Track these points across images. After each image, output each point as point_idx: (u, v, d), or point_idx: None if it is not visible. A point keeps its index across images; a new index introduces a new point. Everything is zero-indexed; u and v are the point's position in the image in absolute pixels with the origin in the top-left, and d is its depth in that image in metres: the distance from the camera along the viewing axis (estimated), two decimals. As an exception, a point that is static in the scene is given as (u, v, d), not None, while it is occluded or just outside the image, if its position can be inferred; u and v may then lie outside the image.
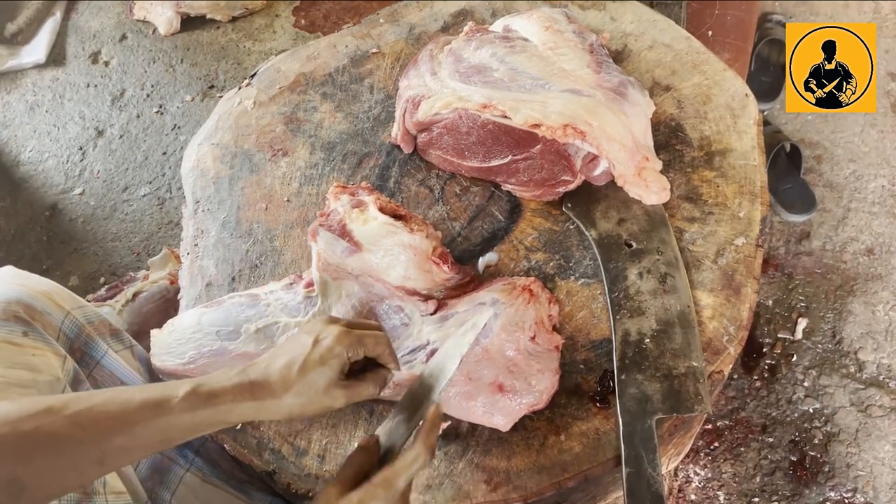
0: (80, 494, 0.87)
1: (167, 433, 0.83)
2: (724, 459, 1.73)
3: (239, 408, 0.85)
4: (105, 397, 0.81)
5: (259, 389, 0.85)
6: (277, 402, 0.86)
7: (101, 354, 1.05)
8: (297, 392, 0.86)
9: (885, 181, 2.05)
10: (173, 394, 0.82)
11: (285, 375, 0.86)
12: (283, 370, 0.86)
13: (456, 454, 1.03)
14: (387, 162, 1.32)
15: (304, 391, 0.86)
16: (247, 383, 0.85)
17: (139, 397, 0.81)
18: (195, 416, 0.83)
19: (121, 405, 0.80)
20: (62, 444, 0.75)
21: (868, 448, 1.70)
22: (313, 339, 0.88)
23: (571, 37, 1.26)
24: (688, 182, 1.19)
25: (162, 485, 1.07)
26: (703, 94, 1.27)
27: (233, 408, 0.84)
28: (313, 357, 0.87)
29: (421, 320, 1.06)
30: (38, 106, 2.38)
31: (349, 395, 0.90)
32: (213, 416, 0.84)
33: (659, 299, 1.09)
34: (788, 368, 1.82)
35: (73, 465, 0.77)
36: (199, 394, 0.83)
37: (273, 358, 0.89)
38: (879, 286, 1.90)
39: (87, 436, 0.77)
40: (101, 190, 2.19)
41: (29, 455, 0.74)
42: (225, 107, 1.45)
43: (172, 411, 0.81)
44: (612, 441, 1.01)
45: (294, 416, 0.88)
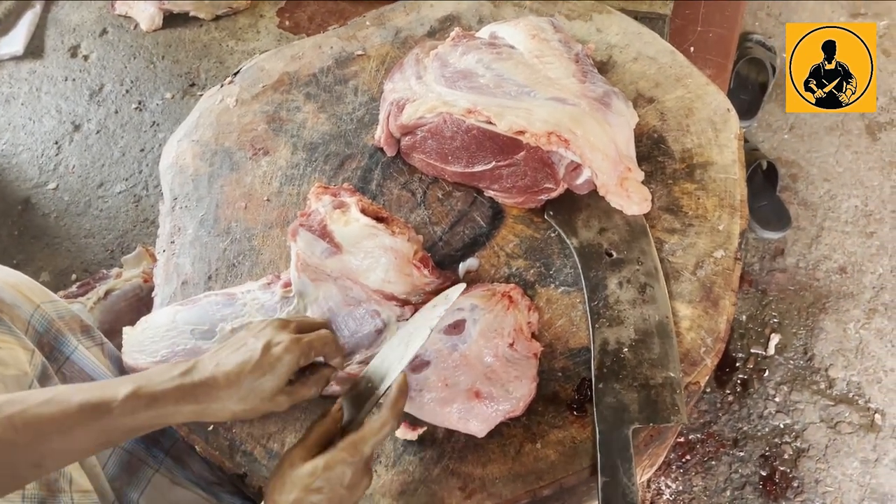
0: (45, 493, 0.85)
1: (107, 435, 0.81)
2: (696, 472, 1.74)
3: (181, 411, 0.84)
4: (42, 398, 0.79)
5: (203, 394, 0.84)
6: (221, 407, 0.85)
7: (71, 350, 1.03)
8: (242, 398, 0.85)
9: (859, 201, 2.09)
10: (113, 396, 0.80)
11: (232, 381, 0.85)
12: (231, 376, 0.85)
13: (431, 460, 1.02)
14: (369, 164, 1.31)
15: (250, 397, 0.86)
16: (189, 386, 0.84)
17: (77, 399, 0.79)
18: (135, 419, 0.81)
19: (58, 407, 0.78)
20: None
21: (837, 464, 1.72)
22: (263, 345, 0.87)
23: (557, 46, 1.26)
24: (669, 194, 1.20)
25: (130, 485, 1.05)
26: (686, 108, 1.28)
27: (175, 410, 0.83)
28: (262, 364, 0.86)
29: (396, 326, 1.05)
30: (14, 98, 2.34)
31: (292, 399, 0.90)
32: (153, 419, 0.83)
33: (638, 309, 1.09)
34: (760, 383, 1.84)
35: (9, 467, 0.75)
36: (141, 396, 0.82)
37: (219, 360, 0.87)
38: (851, 304, 1.93)
39: (23, 439, 0.75)
40: (76, 185, 2.15)
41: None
42: (207, 104, 1.44)
43: (112, 414, 0.80)
44: (588, 450, 1.00)
45: (235, 419, 0.88)
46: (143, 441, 1.11)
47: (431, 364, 1.02)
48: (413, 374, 1.01)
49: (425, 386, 1.01)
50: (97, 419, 0.79)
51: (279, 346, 0.87)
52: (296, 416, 1.08)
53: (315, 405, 1.07)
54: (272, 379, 0.86)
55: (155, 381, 0.84)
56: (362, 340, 1.06)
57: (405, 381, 0.88)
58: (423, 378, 1.01)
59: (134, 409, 0.81)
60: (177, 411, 0.83)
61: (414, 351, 0.90)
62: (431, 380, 1.01)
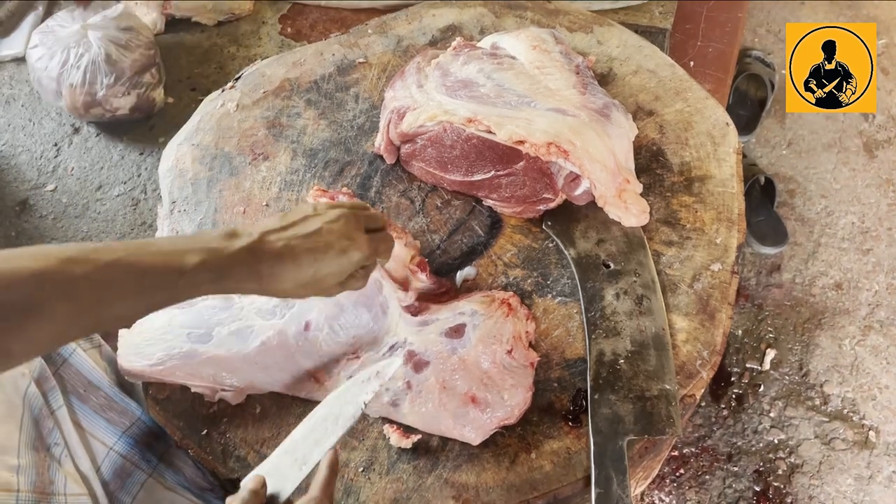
0: (39, 496, 0.84)
1: (164, 304, 0.78)
2: (690, 486, 1.73)
3: (242, 287, 0.81)
4: (108, 259, 0.73)
5: (268, 274, 0.81)
6: (280, 288, 0.83)
7: (70, 352, 1.03)
8: (303, 284, 0.84)
9: (855, 218, 2.09)
10: (180, 266, 0.76)
11: (300, 267, 0.83)
12: (300, 263, 0.83)
13: (425, 469, 1.02)
14: (369, 171, 1.31)
15: (310, 284, 0.84)
16: (255, 263, 0.81)
17: (144, 265, 0.74)
18: (197, 290, 0.78)
19: (124, 273, 0.73)
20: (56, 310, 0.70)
21: (830, 481, 1.71)
22: (336, 239, 0.85)
23: (558, 57, 1.27)
24: (667, 206, 1.21)
25: (123, 489, 1.04)
26: (685, 121, 1.29)
27: (236, 286, 0.81)
28: (332, 258, 0.84)
29: (399, 314, 1.05)
30: (15, 100, 2.34)
31: (343, 289, 0.89)
32: (213, 291, 0.80)
33: (634, 321, 1.09)
34: (755, 398, 1.84)
35: (64, 327, 0.71)
36: (209, 269, 0.77)
37: (289, 242, 0.83)
38: (846, 321, 1.93)
39: (85, 304, 0.71)
40: (75, 187, 2.15)
41: None
42: (207, 108, 1.44)
43: (177, 285, 0.76)
44: (582, 461, 1.00)
45: (286, 297, 0.86)
46: (137, 445, 1.10)
47: (431, 364, 1.02)
48: (414, 373, 1.01)
49: (424, 387, 1.01)
50: (161, 289, 0.76)
51: (354, 245, 0.85)
52: (289, 421, 1.08)
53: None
54: (338, 274, 0.85)
55: (222, 253, 0.79)
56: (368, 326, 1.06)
57: (336, 458, 0.83)
58: (422, 378, 1.01)
59: (200, 282, 0.77)
60: (238, 287, 0.81)
61: (346, 427, 0.85)
62: (430, 381, 1.01)
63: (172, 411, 1.11)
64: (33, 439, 0.87)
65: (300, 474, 0.82)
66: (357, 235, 0.86)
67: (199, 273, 0.76)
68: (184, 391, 1.11)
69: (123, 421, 1.11)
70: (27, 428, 0.87)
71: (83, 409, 1.04)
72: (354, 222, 0.88)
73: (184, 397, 1.11)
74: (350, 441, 1.05)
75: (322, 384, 1.06)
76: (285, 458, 0.84)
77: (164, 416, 1.11)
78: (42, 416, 0.91)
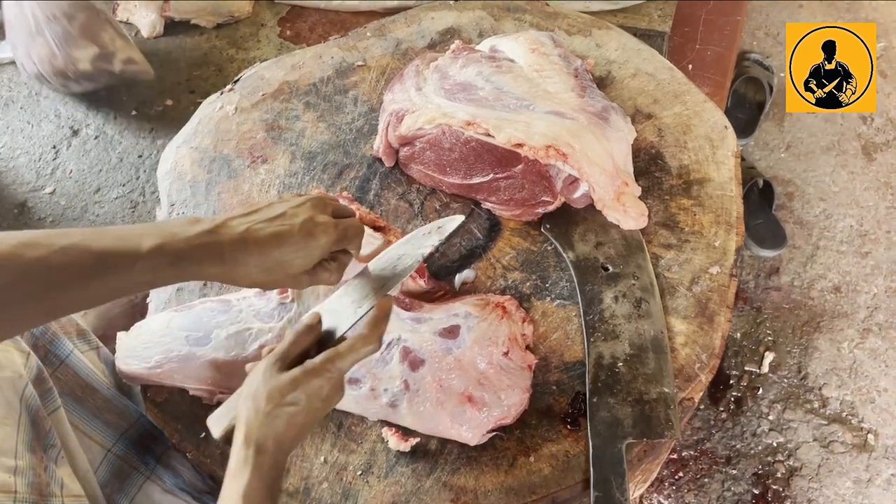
0: (37, 497, 0.84)
1: (124, 289, 0.77)
2: (688, 490, 1.73)
3: (204, 271, 0.80)
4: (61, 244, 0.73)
5: (230, 258, 0.80)
6: (244, 274, 0.81)
7: (67, 354, 1.03)
8: (268, 269, 0.82)
9: (854, 221, 2.09)
10: (136, 250, 0.75)
11: (263, 251, 0.81)
12: (262, 246, 0.81)
13: (424, 472, 1.02)
14: (367, 174, 1.31)
15: (276, 270, 0.82)
16: (215, 246, 0.79)
17: (97, 249, 0.74)
18: (156, 275, 0.77)
19: (78, 258, 0.73)
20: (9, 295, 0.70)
21: (829, 484, 1.71)
22: (302, 222, 0.83)
23: (557, 60, 1.27)
24: (665, 209, 1.21)
25: (121, 492, 1.05)
26: (684, 124, 1.29)
27: (198, 271, 0.79)
28: (297, 242, 0.82)
29: (395, 311, 1.05)
30: (13, 102, 2.34)
31: (312, 281, 0.87)
32: (174, 276, 0.79)
33: (633, 324, 1.09)
34: (754, 401, 1.83)
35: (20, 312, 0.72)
36: (165, 252, 0.76)
37: (252, 226, 0.82)
38: (845, 324, 1.93)
39: (39, 288, 0.71)
40: (73, 190, 2.15)
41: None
42: (206, 111, 1.44)
43: (133, 269, 0.75)
44: (581, 464, 1.00)
45: (254, 286, 0.84)
46: (135, 448, 1.10)
47: (426, 363, 1.02)
48: (410, 372, 1.01)
49: (422, 386, 1.01)
50: (117, 273, 0.75)
51: (319, 227, 0.84)
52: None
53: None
54: (304, 258, 0.83)
55: (180, 236, 0.78)
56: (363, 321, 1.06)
57: (389, 303, 0.86)
58: (419, 377, 1.01)
59: (157, 265, 0.76)
60: (199, 271, 0.79)
61: (404, 276, 0.88)
62: (427, 379, 1.01)
63: (170, 414, 1.11)
64: (31, 440, 0.87)
65: (355, 315, 0.86)
66: (323, 218, 0.85)
67: (157, 256, 0.76)
68: (182, 393, 1.10)
69: (121, 423, 1.11)
70: (25, 429, 0.87)
71: (80, 411, 1.04)
72: (321, 207, 0.87)
73: (182, 400, 1.11)
74: (348, 444, 1.05)
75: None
76: (344, 299, 0.88)
77: (163, 418, 1.10)
78: (39, 417, 0.90)
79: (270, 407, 0.77)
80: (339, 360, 0.80)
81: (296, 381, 0.78)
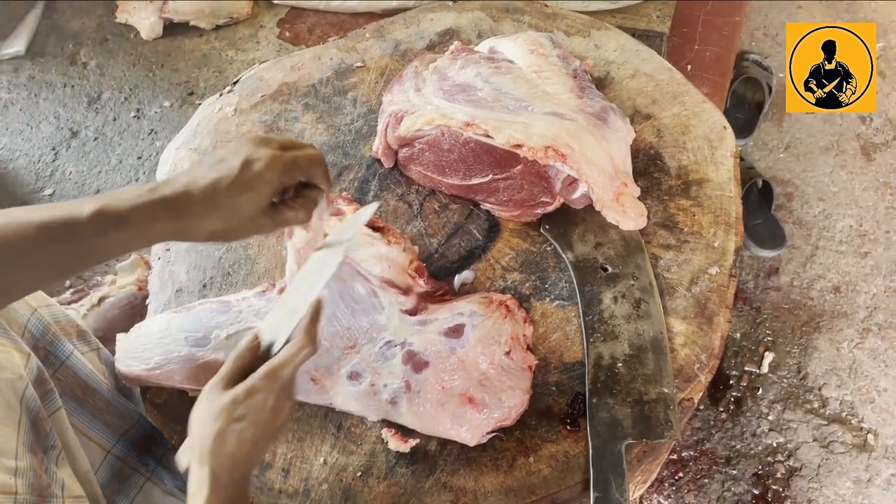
0: (37, 498, 0.84)
1: (77, 260, 0.77)
2: (688, 490, 1.73)
3: (155, 229, 0.79)
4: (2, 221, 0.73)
5: (176, 210, 0.78)
6: (198, 225, 0.80)
7: (67, 355, 1.03)
8: (221, 217, 0.80)
9: (853, 221, 2.09)
10: (77, 215, 0.74)
11: (208, 197, 0.79)
12: (206, 192, 0.79)
13: (423, 473, 1.02)
14: (366, 175, 1.31)
15: (229, 217, 0.81)
16: (159, 201, 0.78)
17: (37, 220, 0.73)
18: (107, 240, 0.76)
19: (17, 230, 0.72)
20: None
21: (829, 484, 1.71)
22: (241, 161, 0.80)
23: (556, 61, 1.27)
24: (664, 210, 1.21)
25: (120, 492, 1.04)
26: (683, 125, 1.29)
27: (148, 229, 0.78)
28: (240, 181, 0.80)
29: (398, 315, 1.05)
30: (13, 104, 2.34)
31: (277, 222, 0.85)
32: (127, 240, 0.78)
33: (632, 324, 1.09)
34: (754, 401, 1.84)
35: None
36: (109, 214, 0.75)
37: (194, 176, 0.80)
38: (844, 324, 1.93)
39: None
40: (73, 192, 2.15)
41: None
42: (205, 112, 1.44)
43: (79, 235, 0.74)
44: (581, 465, 1.00)
45: (217, 239, 0.83)
46: (136, 449, 1.10)
47: (430, 365, 1.02)
48: (413, 374, 1.01)
49: (423, 387, 1.01)
50: (63, 241, 0.74)
51: (260, 161, 0.81)
52: (287, 424, 1.07)
53: (310, 415, 1.07)
54: (253, 197, 0.80)
55: (123, 197, 0.77)
56: (366, 327, 1.06)
57: (319, 305, 0.86)
58: (422, 379, 1.01)
59: (103, 229, 0.75)
60: (150, 230, 0.78)
61: (331, 272, 0.88)
62: (430, 381, 1.01)
63: (170, 415, 1.11)
64: (31, 442, 0.86)
65: (292, 324, 0.86)
66: (263, 152, 0.82)
67: (100, 219, 0.75)
68: (182, 395, 1.10)
69: (122, 424, 1.11)
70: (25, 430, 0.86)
71: (81, 412, 1.04)
72: (261, 142, 0.84)
73: (182, 401, 1.11)
74: (348, 445, 1.05)
75: (321, 385, 1.05)
76: (281, 310, 0.88)
77: (162, 419, 1.10)
78: (40, 418, 0.90)
79: (218, 426, 0.78)
80: (279, 370, 0.80)
81: (237, 399, 0.78)
